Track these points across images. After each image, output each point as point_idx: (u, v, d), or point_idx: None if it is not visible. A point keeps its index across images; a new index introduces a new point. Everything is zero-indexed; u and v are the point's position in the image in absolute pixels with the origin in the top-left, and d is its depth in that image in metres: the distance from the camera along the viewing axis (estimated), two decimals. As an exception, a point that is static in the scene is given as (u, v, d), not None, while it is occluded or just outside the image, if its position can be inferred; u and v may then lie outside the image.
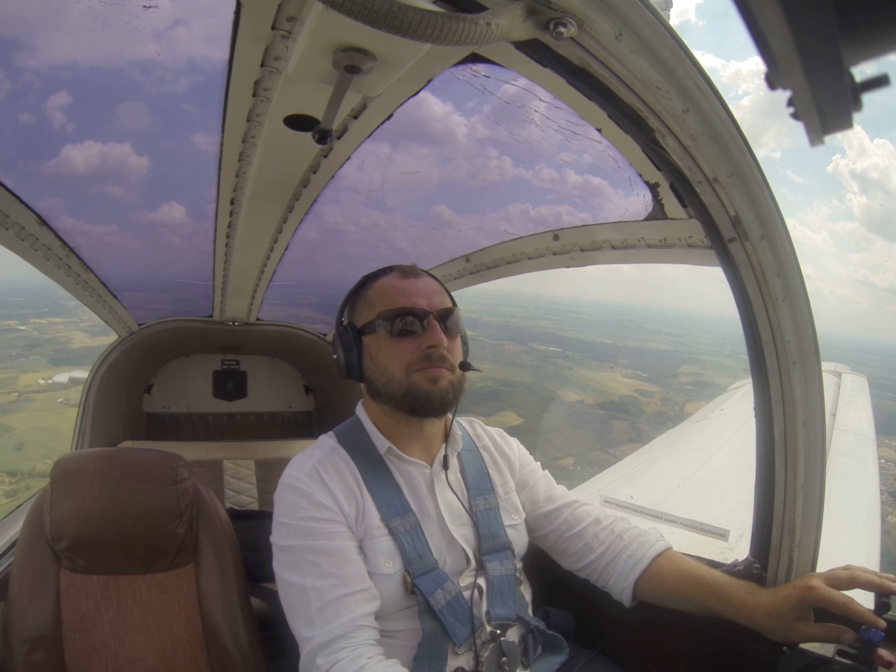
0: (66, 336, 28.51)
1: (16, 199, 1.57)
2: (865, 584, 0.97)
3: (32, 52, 1.04)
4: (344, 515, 1.07)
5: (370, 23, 0.56)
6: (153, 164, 1.45)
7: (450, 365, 1.12)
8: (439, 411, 1.13)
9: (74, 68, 1.09)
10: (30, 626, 1.25)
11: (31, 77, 1.09)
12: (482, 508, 1.21)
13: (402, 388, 1.10)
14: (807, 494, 1.10)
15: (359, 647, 0.97)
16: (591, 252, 1.62)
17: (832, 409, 5.41)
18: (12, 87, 1.10)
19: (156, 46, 1.04)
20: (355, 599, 1.01)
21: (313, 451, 1.16)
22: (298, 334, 3.12)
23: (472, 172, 1.60)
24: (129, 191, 1.58)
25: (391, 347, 1.11)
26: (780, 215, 0.95)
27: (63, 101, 1.17)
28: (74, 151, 1.34)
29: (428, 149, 1.47)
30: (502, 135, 1.36)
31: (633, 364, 49.93)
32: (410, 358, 1.10)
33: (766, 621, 1.01)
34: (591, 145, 1.23)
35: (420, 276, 1.19)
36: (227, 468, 2.95)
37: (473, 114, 1.31)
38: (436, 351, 1.10)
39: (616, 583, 1.20)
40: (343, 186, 1.57)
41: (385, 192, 1.72)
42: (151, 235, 1.94)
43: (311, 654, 0.98)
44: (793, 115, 0.38)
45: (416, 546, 1.09)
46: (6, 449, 21.18)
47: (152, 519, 1.40)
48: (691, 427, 5.81)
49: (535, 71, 0.91)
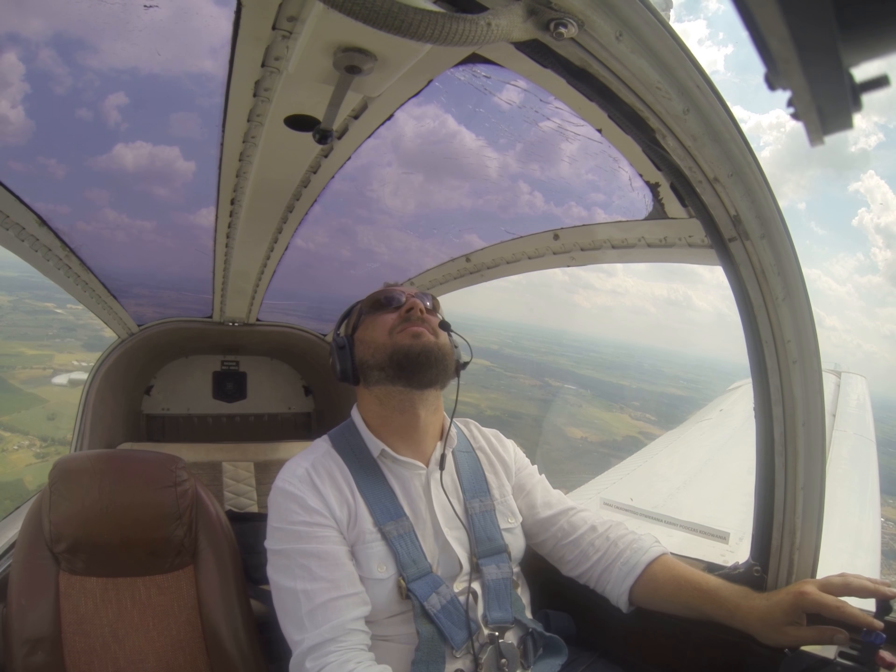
0: (99, 325, 30.18)
1: (16, 199, 1.57)
2: (859, 590, 0.97)
3: (96, 53, 1.11)
4: (335, 520, 1.07)
5: (370, 23, 0.56)
6: (198, 170, 1.53)
7: (430, 328, 1.16)
8: (427, 369, 1.13)
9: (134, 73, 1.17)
10: (29, 628, 1.24)
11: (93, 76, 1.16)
12: (478, 511, 1.20)
13: (387, 350, 1.13)
14: (807, 496, 1.09)
15: (348, 651, 0.97)
16: (592, 251, 1.62)
17: (832, 409, 5.41)
18: (74, 82, 1.17)
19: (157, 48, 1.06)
20: (346, 603, 1.01)
21: (307, 455, 1.17)
22: (298, 335, 3.12)
23: (472, 172, 1.60)
24: (172, 192, 1.66)
25: (374, 321, 1.19)
26: (781, 215, 0.95)
27: (120, 101, 1.24)
28: (125, 150, 1.42)
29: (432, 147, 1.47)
30: (502, 133, 1.36)
31: (643, 407, 51.05)
32: (392, 323, 1.16)
33: (759, 625, 1.01)
34: (592, 145, 1.23)
35: (406, 286, 1.28)
36: (227, 470, 2.94)
37: (473, 116, 1.31)
38: (413, 313, 1.16)
39: (612, 589, 1.20)
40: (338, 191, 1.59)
41: (387, 190, 1.72)
42: (187, 237, 2.02)
43: (300, 658, 0.98)
44: (793, 115, 0.38)
45: (410, 550, 1.09)
46: (40, 417, 23.52)
47: (151, 521, 1.39)
48: (691, 427, 5.81)
49: (536, 71, 0.91)
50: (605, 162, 1.27)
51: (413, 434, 1.19)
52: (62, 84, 1.16)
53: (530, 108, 1.17)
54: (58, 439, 21.02)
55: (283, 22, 0.85)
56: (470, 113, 1.30)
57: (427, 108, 1.28)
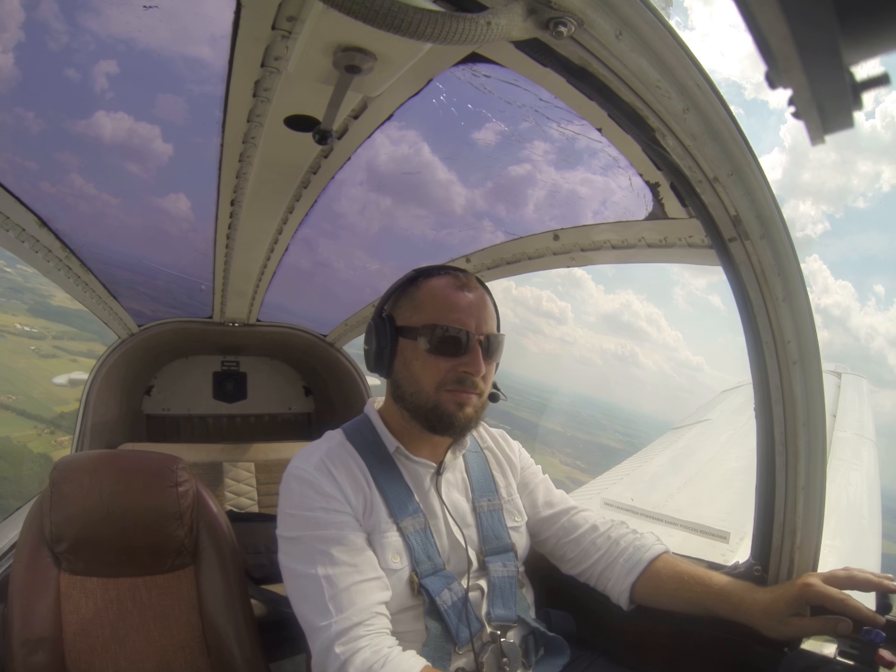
0: (48, 291, 30.05)
1: (17, 201, 1.57)
2: (863, 583, 0.97)
3: (97, 16, 1.08)
4: (351, 507, 1.05)
5: (370, 22, 0.56)
6: (176, 154, 1.48)
7: (479, 391, 1.10)
8: (458, 435, 1.14)
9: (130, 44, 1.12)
10: (30, 629, 1.24)
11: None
12: (486, 510, 1.21)
13: (429, 403, 1.08)
14: (807, 496, 1.09)
15: (377, 635, 0.95)
16: (591, 252, 1.62)
17: (832, 410, 5.41)
18: (69, 41, 1.12)
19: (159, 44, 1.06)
20: (370, 586, 0.99)
21: (321, 444, 1.15)
22: (298, 335, 3.12)
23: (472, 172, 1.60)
24: (144, 171, 1.61)
25: (427, 360, 1.07)
26: (781, 215, 0.95)
27: (111, 69, 1.20)
28: (106, 119, 1.37)
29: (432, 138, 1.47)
30: (502, 133, 1.36)
31: (575, 454, 51.72)
32: (444, 377, 1.07)
33: (762, 618, 1.01)
34: (591, 145, 1.23)
35: (474, 290, 1.12)
36: (227, 470, 2.94)
37: (477, 109, 1.31)
38: (470, 378, 1.08)
39: (613, 587, 1.20)
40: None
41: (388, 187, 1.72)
42: (152, 219, 1.96)
43: (326, 643, 0.94)
44: (793, 114, 0.38)
45: (426, 546, 1.09)
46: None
47: (152, 521, 1.39)
48: (691, 428, 5.81)
49: (536, 70, 0.91)
50: (605, 161, 1.27)
51: (429, 441, 1.19)
52: (57, 41, 1.12)
53: (531, 107, 1.17)
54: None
55: (283, 22, 0.85)
56: (473, 110, 1.30)
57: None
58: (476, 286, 1.13)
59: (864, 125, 40.04)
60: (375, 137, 1.31)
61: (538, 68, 0.83)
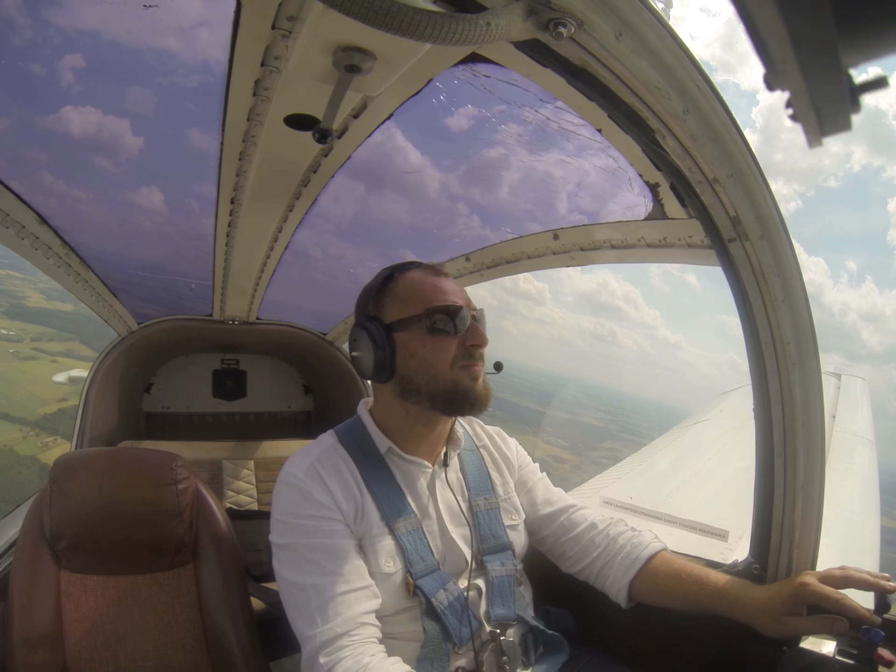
0: (22, 292, 29.81)
1: (16, 197, 1.57)
2: (859, 582, 0.97)
3: (61, 10, 1.05)
4: (342, 514, 1.06)
5: (370, 22, 0.56)
6: (147, 148, 1.46)
7: (484, 362, 1.13)
8: (477, 409, 1.12)
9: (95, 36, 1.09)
10: (30, 627, 1.24)
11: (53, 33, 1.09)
12: (483, 508, 1.21)
13: (448, 384, 1.08)
14: (806, 495, 1.09)
15: (361, 644, 0.96)
16: (591, 251, 1.62)
17: (832, 410, 5.41)
18: (33, 36, 1.09)
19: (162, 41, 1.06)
20: (356, 597, 1.00)
21: (312, 448, 1.15)
22: (298, 333, 3.12)
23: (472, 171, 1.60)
24: (115, 166, 1.58)
25: (435, 343, 1.08)
26: (780, 215, 0.95)
27: (77, 63, 1.17)
28: (73, 113, 1.34)
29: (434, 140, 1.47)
30: (502, 133, 1.36)
31: (556, 433, 51.85)
32: (455, 353, 1.08)
33: (758, 616, 1.02)
34: (591, 145, 1.23)
35: (447, 276, 1.17)
36: (227, 468, 2.94)
37: (477, 109, 1.31)
38: (478, 349, 1.10)
39: (612, 585, 1.20)
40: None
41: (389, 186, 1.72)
42: (127, 214, 1.95)
43: (312, 653, 0.97)
44: (791, 116, 0.38)
45: (418, 547, 1.09)
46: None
47: (152, 519, 1.40)
48: (691, 428, 5.81)
49: (536, 71, 0.91)
50: (605, 162, 1.27)
51: (427, 438, 1.19)
52: (21, 36, 1.09)
53: (531, 107, 1.17)
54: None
55: (283, 21, 0.85)
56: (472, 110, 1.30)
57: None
58: (446, 272, 1.18)
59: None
60: (375, 136, 1.31)
61: (538, 69, 0.83)
